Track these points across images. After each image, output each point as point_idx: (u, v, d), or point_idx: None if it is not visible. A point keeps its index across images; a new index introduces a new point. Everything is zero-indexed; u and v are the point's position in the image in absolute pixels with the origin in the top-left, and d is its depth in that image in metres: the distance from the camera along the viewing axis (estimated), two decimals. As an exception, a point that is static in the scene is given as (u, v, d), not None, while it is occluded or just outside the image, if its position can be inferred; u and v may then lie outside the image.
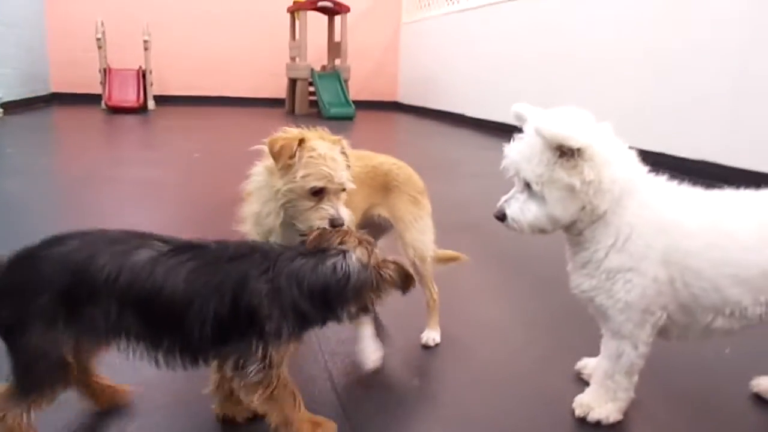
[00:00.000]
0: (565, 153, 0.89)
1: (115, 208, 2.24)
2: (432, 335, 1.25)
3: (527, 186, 0.94)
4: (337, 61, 6.70)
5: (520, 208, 0.95)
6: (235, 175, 2.59)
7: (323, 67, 6.85)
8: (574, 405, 1.02)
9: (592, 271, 0.94)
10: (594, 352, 1.06)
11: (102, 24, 6.13)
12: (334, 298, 0.88)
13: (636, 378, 0.99)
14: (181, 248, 0.88)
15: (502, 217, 0.98)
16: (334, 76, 6.50)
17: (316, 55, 6.81)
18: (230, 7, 7.36)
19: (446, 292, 1.38)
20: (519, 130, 1.01)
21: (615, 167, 0.91)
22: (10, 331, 0.84)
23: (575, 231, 0.95)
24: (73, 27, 6.80)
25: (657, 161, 3.55)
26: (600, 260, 0.93)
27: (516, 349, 1.27)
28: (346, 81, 6.49)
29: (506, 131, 4.54)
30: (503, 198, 0.98)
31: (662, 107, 3.48)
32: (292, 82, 6.60)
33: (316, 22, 6.60)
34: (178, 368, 0.88)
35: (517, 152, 0.95)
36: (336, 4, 6.34)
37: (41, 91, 6.57)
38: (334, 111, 6.01)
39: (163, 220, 2.11)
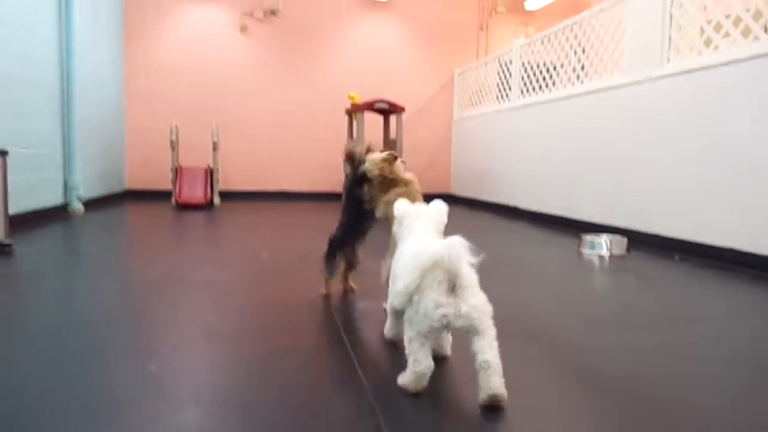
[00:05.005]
0: None
1: (188, 312, 2.33)
2: None
3: None
4: (393, 157, 6.94)
5: None
6: (303, 280, 2.67)
7: (379, 163, 7.10)
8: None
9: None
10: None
11: (176, 127, 6.62)
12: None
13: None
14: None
15: None
16: (390, 171, 6.71)
17: (373, 152, 7.08)
18: (291, 108, 7.86)
19: (521, 413, 1.37)
20: (575, 224, 1.55)
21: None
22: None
23: None
24: (149, 130, 7.37)
25: (729, 258, 3.42)
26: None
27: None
28: (401, 176, 6.68)
29: (562, 224, 4.60)
30: None
31: (722, 199, 3.43)
32: (349, 178, 6.84)
33: (372, 120, 6.94)
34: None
35: None
36: (391, 105, 6.66)
37: (117, 189, 7.04)
38: (390, 205, 6.16)
39: (235, 326, 2.18)
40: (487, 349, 1.36)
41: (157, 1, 7.44)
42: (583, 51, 5.17)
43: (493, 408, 1.38)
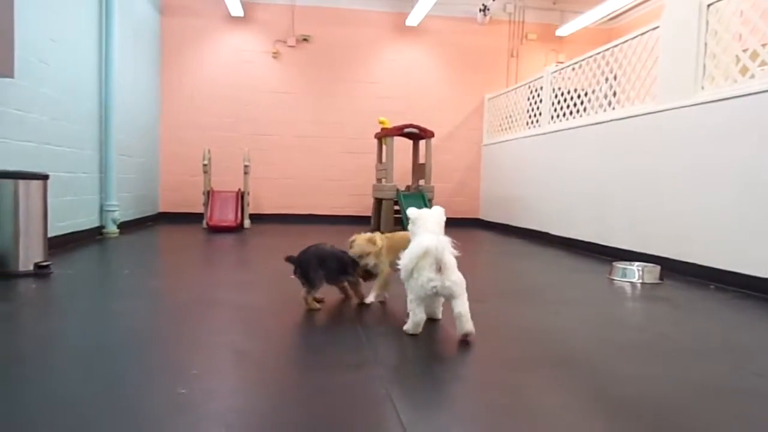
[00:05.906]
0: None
1: (217, 335, 2.36)
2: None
3: None
4: (421, 182, 6.97)
5: None
6: (329, 303, 2.68)
7: (408, 188, 7.13)
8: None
9: None
10: None
11: (209, 152, 6.76)
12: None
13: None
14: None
15: None
16: (419, 196, 6.73)
17: (401, 176, 7.14)
18: (322, 132, 7.96)
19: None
20: (606, 251, 1.56)
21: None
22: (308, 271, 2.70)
23: None
24: (182, 155, 7.54)
25: (760, 287, 3.32)
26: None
27: None
28: (430, 200, 6.70)
29: (594, 251, 4.54)
30: None
31: (759, 228, 3.34)
32: (378, 202, 6.88)
33: (401, 145, 6.99)
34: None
35: None
36: (421, 130, 6.70)
37: (150, 212, 7.19)
38: (418, 230, 6.17)
39: (263, 349, 2.19)
40: (460, 305, 2.14)
41: (192, 31, 7.67)
42: (615, 78, 5.15)
43: (465, 341, 2.17)
